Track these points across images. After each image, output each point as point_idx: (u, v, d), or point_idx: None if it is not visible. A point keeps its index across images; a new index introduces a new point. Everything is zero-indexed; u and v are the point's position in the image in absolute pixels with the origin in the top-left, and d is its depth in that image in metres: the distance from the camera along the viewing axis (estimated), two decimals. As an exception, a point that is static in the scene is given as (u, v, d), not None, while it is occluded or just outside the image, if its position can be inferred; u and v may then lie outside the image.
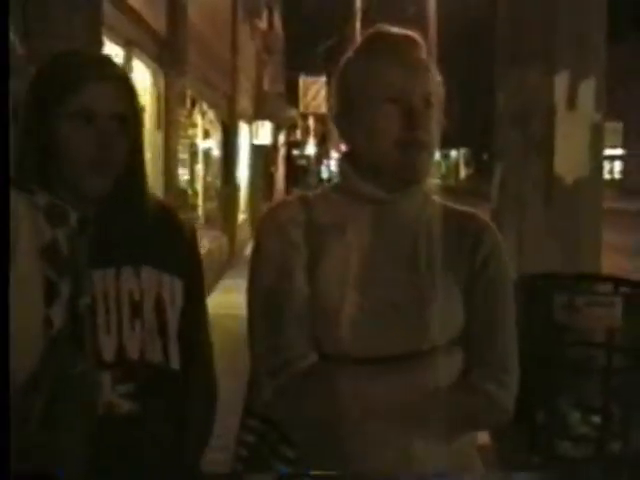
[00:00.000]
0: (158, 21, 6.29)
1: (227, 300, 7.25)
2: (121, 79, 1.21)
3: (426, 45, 1.22)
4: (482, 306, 1.20)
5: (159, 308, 1.22)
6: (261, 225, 1.23)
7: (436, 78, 1.22)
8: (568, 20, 3.35)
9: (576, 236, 3.39)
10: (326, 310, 1.16)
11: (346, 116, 1.22)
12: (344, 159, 1.25)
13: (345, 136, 1.24)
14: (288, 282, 1.16)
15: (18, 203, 1.13)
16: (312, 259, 1.17)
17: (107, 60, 1.26)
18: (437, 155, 1.27)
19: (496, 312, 1.21)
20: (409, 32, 1.22)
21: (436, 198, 1.27)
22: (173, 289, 1.23)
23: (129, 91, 1.21)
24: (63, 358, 1.11)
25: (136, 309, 1.20)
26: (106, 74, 1.19)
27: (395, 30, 1.22)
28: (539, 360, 2.73)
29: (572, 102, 3.35)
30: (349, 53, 1.25)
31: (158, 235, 1.25)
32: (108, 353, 1.17)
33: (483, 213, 1.32)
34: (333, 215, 1.21)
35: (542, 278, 3.07)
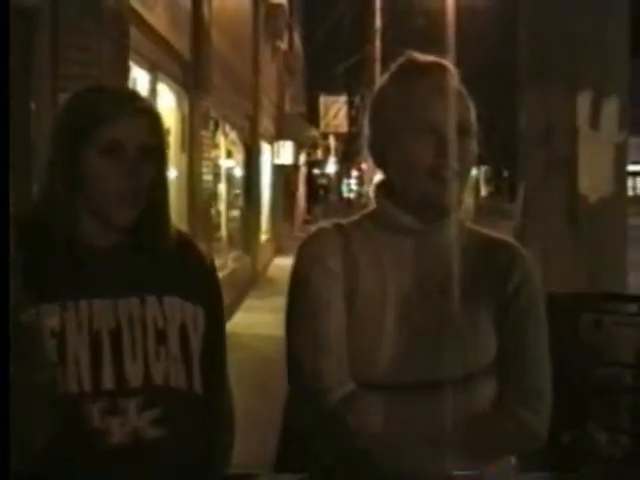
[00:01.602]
0: (182, 44, 6.39)
1: (250, 320, 7.10)
2: (149, 113, 1.25)
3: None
4: (514, 334, 1.20)
5: (183, 335, 1.23)
6: (299, 253, 1.24)
7: (469, 105, 1.21)
8: (590, 38, 3.35)
9: (601, 255, 3.36)
10: (363, 338, 1.17)
11: (381, 145, 1.22)
12: (380, 187, 1.25)
13: (380, 164, 1.24)
14: (326, 310, 1.17)
15: None
16: (349, 288, 1.18)
17: (136, 95, 1.31)
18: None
19: (528, 340, 1.20)
20: (439, 59, 1.22)
21: (470, 225, 1.27)
22: (196, 317, 1.26)
23: (156, 124, 1.25)
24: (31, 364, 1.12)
25: (160, 336, 1.21)
26: (136, 108, 1.23)
27: (425, 58, 1.22)
28: (565, 381, 2.70)
29: (595, 121, 3.34)
30: (382, 81, 1.25)
31: (180, 264, 1.27)
32: (135, 380, 1.18)
33: (505, 231, 1.31)
34: (369, 244, 1.21)
35: (568, 298, 3.04)
